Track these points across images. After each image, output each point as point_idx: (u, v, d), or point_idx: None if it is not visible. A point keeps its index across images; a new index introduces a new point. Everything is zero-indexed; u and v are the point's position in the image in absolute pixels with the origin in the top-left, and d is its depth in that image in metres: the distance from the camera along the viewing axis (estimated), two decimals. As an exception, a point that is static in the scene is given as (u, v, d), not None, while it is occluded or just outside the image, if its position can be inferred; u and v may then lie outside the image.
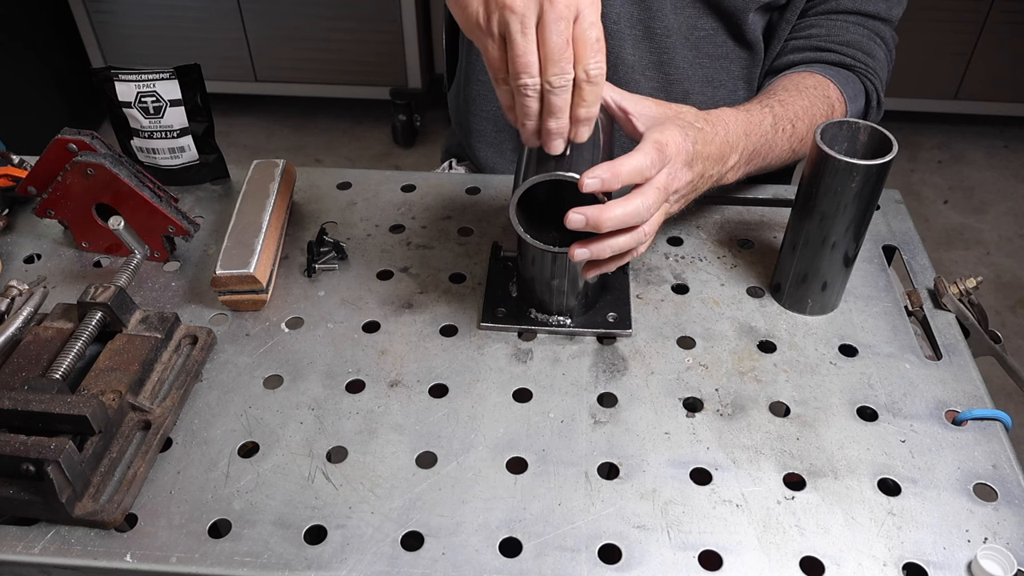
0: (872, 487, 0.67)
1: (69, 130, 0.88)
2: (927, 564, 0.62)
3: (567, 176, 0.67)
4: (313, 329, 0.82)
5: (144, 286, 0.87)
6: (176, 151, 0.97)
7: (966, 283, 0.83)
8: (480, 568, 0.62)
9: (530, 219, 0.73)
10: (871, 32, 0.98)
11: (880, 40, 0.99)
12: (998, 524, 0.65)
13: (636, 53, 0.99)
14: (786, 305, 0.83)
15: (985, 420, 0.72)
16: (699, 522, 0.65)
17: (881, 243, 0.91)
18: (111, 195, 0.86)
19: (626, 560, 0.63)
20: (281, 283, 0.87)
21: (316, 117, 2.89)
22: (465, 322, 0.82)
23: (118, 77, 0.92)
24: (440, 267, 0.89)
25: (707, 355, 0.79)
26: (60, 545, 0.63)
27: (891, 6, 0.98)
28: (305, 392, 0.75)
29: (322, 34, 2.59)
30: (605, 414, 0.73)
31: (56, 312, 0.77)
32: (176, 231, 0.87)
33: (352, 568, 0.62)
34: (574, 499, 0.66)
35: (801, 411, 0.74)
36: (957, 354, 0.79)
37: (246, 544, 0.63)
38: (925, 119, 2.74)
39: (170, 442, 0.71)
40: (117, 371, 0.72)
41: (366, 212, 0.96)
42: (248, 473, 0.68)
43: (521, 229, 0.71)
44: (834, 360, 0.78)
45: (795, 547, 0.63)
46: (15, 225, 0.95)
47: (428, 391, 0.75)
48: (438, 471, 0.69)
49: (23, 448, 0.62)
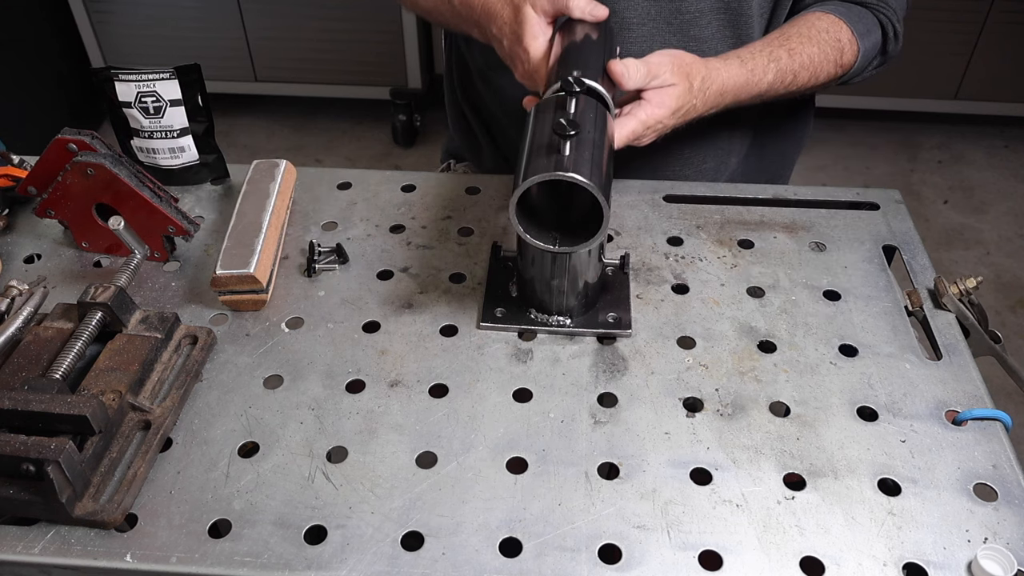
0: (872, 487, 0.67)
1: (69, 130, 0.88)
2: (927, 564, 0.62)
3: (567, 176, 0.67)
4: (313, 329, 0.82)
5: (144, 286, 0.87)
6: (176, 151, 0.97)
7: (966, 283, 0.83)
8: (480, 568, 0.62)
9: (530, 219, 0.73)
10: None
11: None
12: (998, 524, 0.65)
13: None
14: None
15: (985, 420, 0.72)
16: (699, 522, 0.65)
17: (881, 243, 0.91)
18: (111, 195, 0.86)
19: (626, 560, 0.63)
20: (281, 283, 0.87)
21: (316, 117, 2.89)
22: (465, 322, 0.82)
23: (118, 77, 0.92)
24: (440, 267, 0.89)
25: (707, 355, 0.79)
26: (60, 545, 0.63)
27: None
28: (305, 392, 0.75)
29: (322, 34, 2.59)
30: (605, 414, 0.73)
31: (56, 312, 0.77)
32: (176, 231, 0.87)
33: (352, 568, 0.62)
34: (574, 499, 0.66)
35: (801, 411, 0.74)
36: (957, 354, 0.79)
37: (246, 544, 0.63)
38: (925, 119, 2.74)
39: (170, 442, 0.71)
40: (117, 371, 0.72)
41: (366, 212, 0.96)
42: (248, 473, 0.68)
43: (521, 229, 0.71)
44: (834, 360, 0.78)
45: (795, 547, 0.63)
46: (15, 225, 0.95)
47: (428, 391, 0.75)
48: (438, 471, 0.69)
49: (23, 448, 0.62)
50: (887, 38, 1.02)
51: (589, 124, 0.74)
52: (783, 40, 0.94)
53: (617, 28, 0.99)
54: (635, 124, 0.83)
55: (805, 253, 0.90)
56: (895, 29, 1.01)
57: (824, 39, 0.95)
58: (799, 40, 0.94)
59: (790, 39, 0.95)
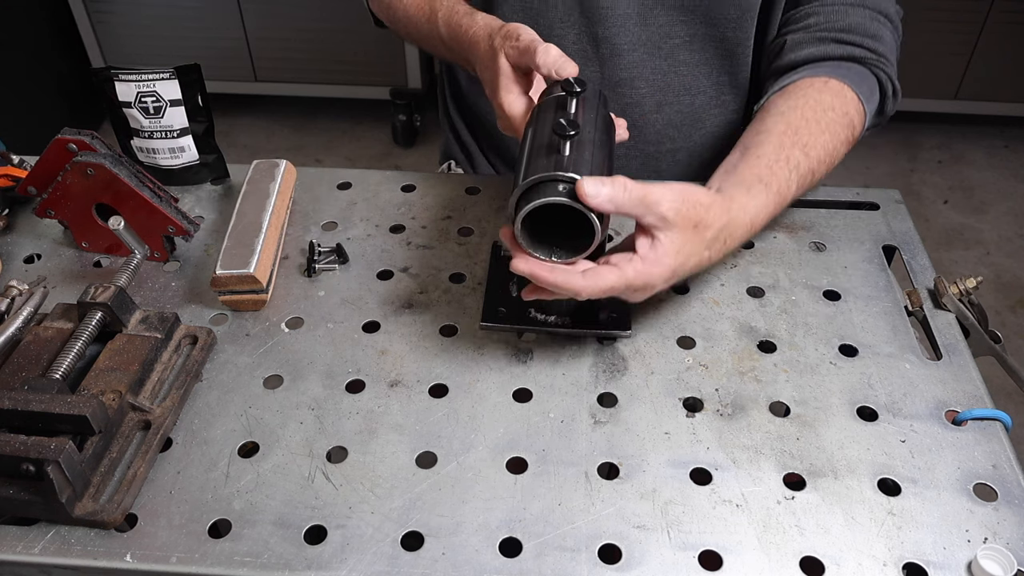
0: (872, 487, 0.67)
1: (69, 130, 0.88)
2: (927, 564, 0.62)
3: (567, 176, 0.67)
4: (313, 329, 0.82)
5: (144, 286, 0.87)
6: (176, 151, 0.97)
7: (966, 283, 0.83)
8: (480, 568, 0.62)
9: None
10: (872, 11, 0.91)
11: (883, 17, 0.92)
12: (998, 524, 0.65)
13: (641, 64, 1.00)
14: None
15: (985, 420, 0.72)
16: (699, 522, 0.65)
17: (881, 243, 0.91)
18: (111, 195, 0.86)
19: (626, 560, 0.63)
20: (281, 283, 0.87)
21: (316, 117, 2.89)
22: (465, 322, 0.82)
23: (118, 77, 0.92)
24: (440, 267, 0.89)
25: (707, 355, 0.79)
26: (60, 545, 0.63)
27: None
28: (305, 392, 0.75)
29: (322, 34, 2.59)
30: (605, 414, 0.73)
31: (56, 312, 0.77)
32: (176, 231, 0.87)
33: (352, 568, 0.62)
34: (574, 499, 0.66)
35: (801, 411, 0.74)
36: (957, 354, 0.79)
37: (246, 544, 0.63)
38: (925, 119, 2.74)
39: (170, 442, 0.71)
40: (117, 371, 0.72)
41: (366, 212, 0.96)
42: (248, 473, 0.68)
43: (519, 230, 0.70)
44: (834, 360, 0.78)
45: (795, 547, 0.63)
46: (15, 225, 0.95)
47: (428, 391, 0.75)
48: (438, 471, 0.69)
49: (23, 448, 0.62)
50: (885, 98, 0.92)
51: (589, 124, 0.74)
52: (794, 137, 0.82)
53: (607, 54, 0.99)
54: (615, 280, 0.68)
55: (805, 253, 0.90)
56: (894, 87, 0.92)
57: (833, 119, 0.84)
58: (809, 132, 0.82)
59: (799, 132, 0.82)
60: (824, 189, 0.98)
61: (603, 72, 1.00)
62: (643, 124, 1.04)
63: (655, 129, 1.05)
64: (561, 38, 0.98)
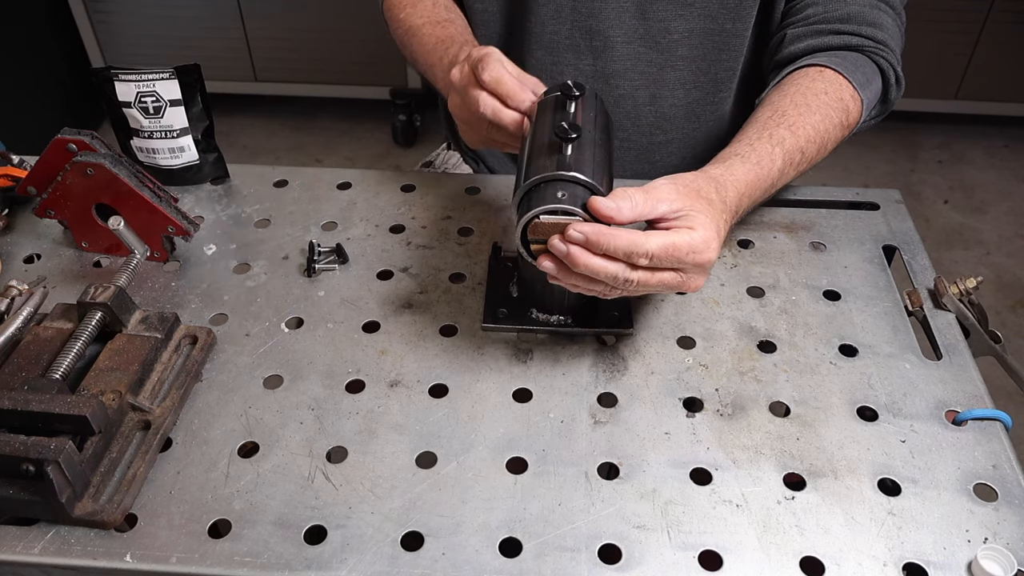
0: (872, 487, 0.67)
1: (69, 130, 0.87)
2: (927, 564, 0.62)
3: (567, 176, 0.67)
4: (313, 329, 0.82)
5: (144, 286, 0.87)
6: (176, 151, 0.97)
7: (966, 283, 0.83)
8: (480, 568, 0.62)
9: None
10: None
11: (884, 4, 0.92)
12: (998, 524, 0.65)
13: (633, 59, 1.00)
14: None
15: (985, 420, 0.72)
16: (699, 522, 0.65)
17: (881, 243, 0.91)
18: (111, 195, 0.86)
19: (626, 560, 0.63)
20: (281, 283, 0.87)
21: (316, 117, 2.89)
22: (465, 322, 0.82)
23: (118, 77, 0.92)
24: (440, 267, 0.89)
25: (707, 355, 0.79)
26: (60, 545, 0.63)
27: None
28: (305, 392, 0.75)
29: (322, 34, 2.59)
30: (605, 414, 0.73)
31: (56, 312, 0.77)
32: (176, 231, 0.87)
33: (352, 568, 0.62)
34: (574, 499, 0.66)
35: (801, 411, 0.74)
36: (957, 354, 0.79)
37: (246, 544, 0.63)
38: (925, 119, 2.73)
39: (170, 442, 0.71)
40: (117, 371, 0.72)
41: (366, 212, 0.96)
42: (248, 473, 0.68)
43: (519, 234, 0.70)
44: (834, 360, 0.78)
45: (795, 547, 0.63)
46: (15, 225, 0.95)
47: (428, 391, 0.75)
48: (438, 471, 0.69)
49: (23, 448, 0.62)
50: (888, 85, 0.92)
51: (590, 125, 0.74)
52: (779, 117, 0.83)
53: (601, 47, 0.99)
54: (680, 239, 0.67)
55: (805, 253, 0.90)
56: (896, 74, 0.92)
57: (824, 102, 0.85)
58: (797, 112, 0.83)
59: (786, 114, 0.83)
60: (824, 189, 0.98)
61: (596, 64, 1.00)
62: (636, 116, 1.04)
63: (648, 121, 1.05)
64: (554, 33, 0.98)
